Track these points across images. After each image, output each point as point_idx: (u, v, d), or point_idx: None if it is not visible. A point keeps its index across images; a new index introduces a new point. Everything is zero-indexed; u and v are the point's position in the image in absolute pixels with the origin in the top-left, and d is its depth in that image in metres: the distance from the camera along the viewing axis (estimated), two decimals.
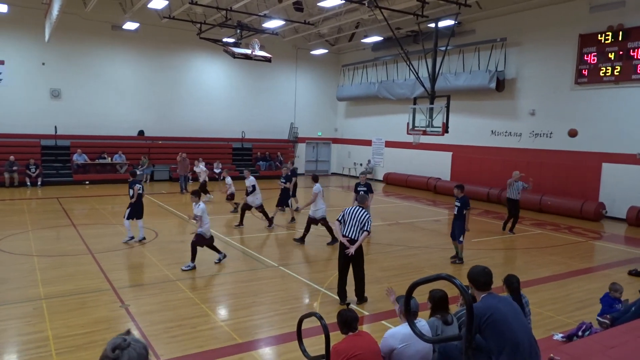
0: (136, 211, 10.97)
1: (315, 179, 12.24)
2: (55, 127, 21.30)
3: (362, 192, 11.52)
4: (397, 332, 4.09)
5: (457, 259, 10.09)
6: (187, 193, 18.10)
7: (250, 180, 12.97)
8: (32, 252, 9.98)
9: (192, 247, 9.10)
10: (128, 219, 10.90)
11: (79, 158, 21.28)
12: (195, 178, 19.95)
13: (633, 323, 5.22)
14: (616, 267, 10.17)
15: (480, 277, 3.89)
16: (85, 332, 6.11)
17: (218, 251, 9.54)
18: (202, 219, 9.04)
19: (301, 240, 11.42)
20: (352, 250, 7.20)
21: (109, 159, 22.01)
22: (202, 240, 9.20)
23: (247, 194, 13.03)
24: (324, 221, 11.40)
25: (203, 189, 9.16)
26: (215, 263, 9.40)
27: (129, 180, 11.33)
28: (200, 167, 18.17)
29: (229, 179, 15.35)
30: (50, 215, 14.02)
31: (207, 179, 18.01)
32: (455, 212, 10.13)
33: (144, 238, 11.10)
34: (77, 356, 5.50)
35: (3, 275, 8.34)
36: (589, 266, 10.43)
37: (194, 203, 9.24)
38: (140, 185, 11.14)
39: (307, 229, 11.46)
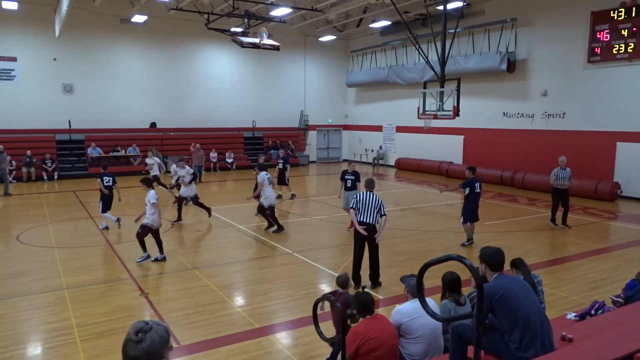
0: (108, 203, 11.44)
1: (260, 168, 11.48)
2: (69, 121, 21.60)
3: (350, 181, 11.66)
4: (402, 308, 4.35)
5: (467, 241, 10.17)
6: (201, 183, 18.23)
7: (187, 170, 12.48)
8: (53, 244, 10.24)
9: (138, 239, 8.80)
10: (104, 211, 11.40)
11: (93, 151, 21.61)
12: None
13: None
14: (632, 247, 10.12)
15: (493, 257, 3.95)
16: (107, 320, 6.31)
17: (153, 247, 8.91)
18: (150, 208, 8.65)
19: (278, 229, 11.18)
20: (379, 238, 7.41)
21: (123, 151, 22.30)
22: (148, 231, 8.81)
23: (177, 186, 13.05)
24: (270, 210, 11.10)
25: (150, 184, 8.88)
26: (137, 262, 8.81)
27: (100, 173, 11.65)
28: (154, 159, 16.08)
29: (173, 167, 14.92)
30: (68, 208, 14.32)
31: (159, 173, 15.98)
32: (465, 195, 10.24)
33: (107, 227, 11.51)
34: (100, 342, 5.69)
35: (26, 267, 8.60)
36: (604, 246, 10.40)
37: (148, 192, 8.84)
38: (110, 178, 11.43)
39: (272, 218, 11.20)
